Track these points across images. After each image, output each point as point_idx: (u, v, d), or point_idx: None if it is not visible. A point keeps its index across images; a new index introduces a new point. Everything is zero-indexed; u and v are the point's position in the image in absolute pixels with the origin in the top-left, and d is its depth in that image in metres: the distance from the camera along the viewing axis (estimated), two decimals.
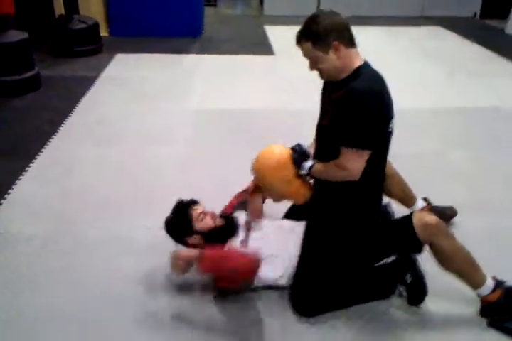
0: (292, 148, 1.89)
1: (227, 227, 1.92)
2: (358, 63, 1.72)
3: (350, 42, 1.70)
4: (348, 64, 1.71)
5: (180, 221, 1.90)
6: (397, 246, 1.82)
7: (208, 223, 1.88)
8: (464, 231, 2.29)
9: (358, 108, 1.64)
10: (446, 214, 2.31)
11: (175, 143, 3.20)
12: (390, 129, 1.77)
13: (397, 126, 1.80)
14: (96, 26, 5.10)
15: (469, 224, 2.34)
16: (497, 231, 2.36)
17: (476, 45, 5.84)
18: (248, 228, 1.94)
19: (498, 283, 1.78)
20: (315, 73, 1.78)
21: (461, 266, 1.76)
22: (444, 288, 1.90)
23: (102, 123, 3.46)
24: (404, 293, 1.89)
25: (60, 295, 1.90)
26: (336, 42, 1.65)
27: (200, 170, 2.86)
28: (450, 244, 1.74)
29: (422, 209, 2.25)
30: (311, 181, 1.95)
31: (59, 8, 5.25)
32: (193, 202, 1.96)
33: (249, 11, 8.50)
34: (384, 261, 1.87)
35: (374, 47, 5.53)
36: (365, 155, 1.70)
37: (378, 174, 1.91)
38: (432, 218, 1.75)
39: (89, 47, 4.98)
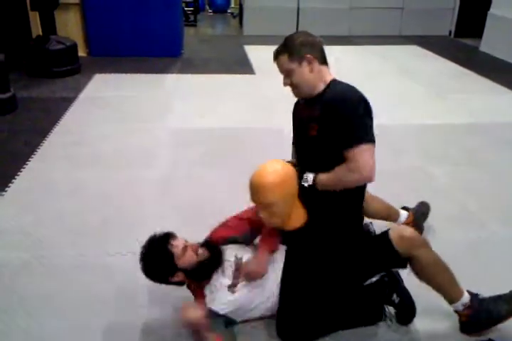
0: (290, 162, 1.87)
1: (211, 261, 1.72)
2: (329, 78, 1.84)
3: (323, 59, 1.84)
4: (321, 79, 1.82)
5: (161, 261, 1.66)
6: (380, 263, 1.78)
7: (190, 258, 1.67)
8: (448, 245, 2.29)
9: (348, 108, 1.72)
10: (425, 212, 2.36)
11: (155, 164, 3.14)
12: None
13: (378, 142, 1.78)
14: (74, 47, 5.07)
15: (453, 237, 2.35)
16: (480, 244, 2.37)
17: (451, 62, 5.96)
18: (238, 269, 1.75)
19: (472, 299, 1.75)
20: None
21: (440, 278, 1.74)
22: (431, 306, 1.88)
23: (81, 144, 3.40)
24: (393, 313, 1.86)
25: (36, 325, 1.81)
26: (309, 56, 1.78)
27: (182, 192, 2.80)
28: (428, 255, 1.72)
29: (407, 219, 2.28)
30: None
31: (36, 29, 5.22)
32: (170, 236, 1.71)
33: (229, 30, 8.59)
34: (369, 281, 1.82)
35: (354, 65, 5.62)
36: (373, 149, 1.73)
37: (360, 194, 1.93)
38: (407, 231, 1.75)
39: (67, 68, 4.93)
